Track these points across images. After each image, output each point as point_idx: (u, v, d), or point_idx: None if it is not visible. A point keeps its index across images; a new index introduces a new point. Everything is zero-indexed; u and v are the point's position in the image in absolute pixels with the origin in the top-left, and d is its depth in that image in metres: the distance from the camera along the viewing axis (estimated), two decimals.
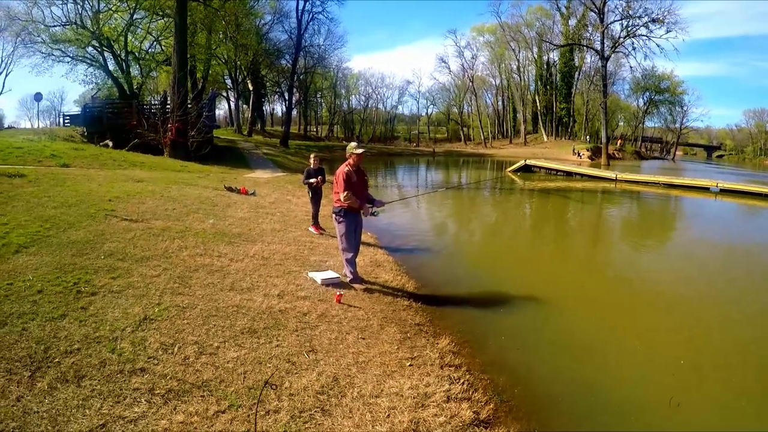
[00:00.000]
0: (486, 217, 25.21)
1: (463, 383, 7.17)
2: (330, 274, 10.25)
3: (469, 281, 12.77)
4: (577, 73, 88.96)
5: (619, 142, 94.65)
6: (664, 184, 44.01)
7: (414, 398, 6.35)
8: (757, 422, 7.43)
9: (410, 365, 7.34)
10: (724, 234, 25.18)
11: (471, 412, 6.41)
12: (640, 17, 68.72)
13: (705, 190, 42.95)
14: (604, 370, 8.95)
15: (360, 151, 10.12)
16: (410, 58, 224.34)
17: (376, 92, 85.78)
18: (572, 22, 78.37)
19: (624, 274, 15.69)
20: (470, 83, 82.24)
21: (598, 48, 70.35)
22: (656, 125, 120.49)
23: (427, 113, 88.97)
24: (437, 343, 8.40)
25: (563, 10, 79.75)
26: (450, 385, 7.00)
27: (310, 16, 65.05)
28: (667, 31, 66.84)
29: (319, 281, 9.87)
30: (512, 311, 10.90)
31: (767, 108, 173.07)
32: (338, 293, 9.11)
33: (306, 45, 63.71)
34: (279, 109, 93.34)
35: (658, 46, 68.00)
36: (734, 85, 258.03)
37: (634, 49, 70.32)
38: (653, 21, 67.54)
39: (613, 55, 74.72)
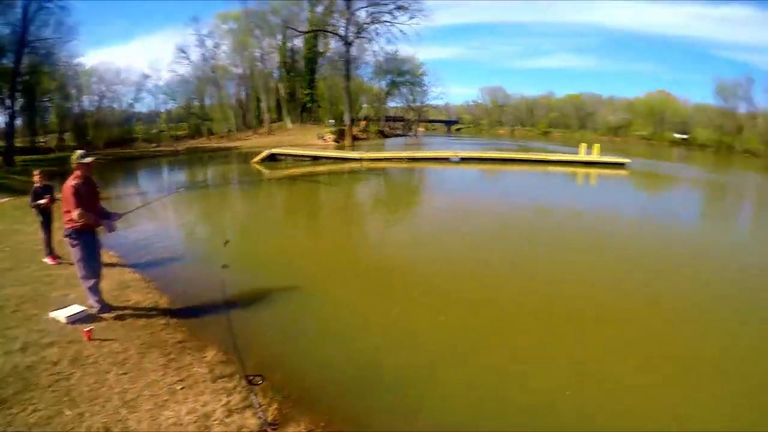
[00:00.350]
0: (236, 213, 24.98)
1: (240, 392, 7.28)
2: (75, 309, 9.41)
3: (227, 284, 12.17)
4: (321, 58, 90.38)
5: (363, 123, 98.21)
6: (407, 158, 47.48)
7: (195, 423, 6.31)
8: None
9: (182, 388, 7.18)
10: (465, 197, 28.51)
11: (256, 418, 6.59)
12: (386, 4, 72.35)
13: (446, 160, 46.96)
14: (374, 345, 9.68)
15: (88, 160, 9.24)
16: (150, 50, 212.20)
17: (111, 90, 76.09)
18: (320, 8, 79.69)
19: (381, 252, 16.94)
20: (212, 73, 79.70)
21: (343, 34, 72.54)
22: (398, 105, 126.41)
23: (167, 109, 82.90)
24: (204, 357, 8.34)
25: None
26: (228, 397, 7.07)
27: (39, 5, 57.84)
28: (411, 18, 71.47)
29: (64, 320, 9.05)
30: (275, 305, 11.24)
31: (501, 85, 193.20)
32: (87, 329, 8.46)
33: (32, 40, 56.23)
34: None
35: (401, 31, 72.02)
36: (472, 66, 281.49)
37: (377, 34, 74.68)
38: (398, 8, 71.60)
39: (357, 41, 77.38)
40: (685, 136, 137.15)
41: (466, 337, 10.28)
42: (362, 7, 72.56)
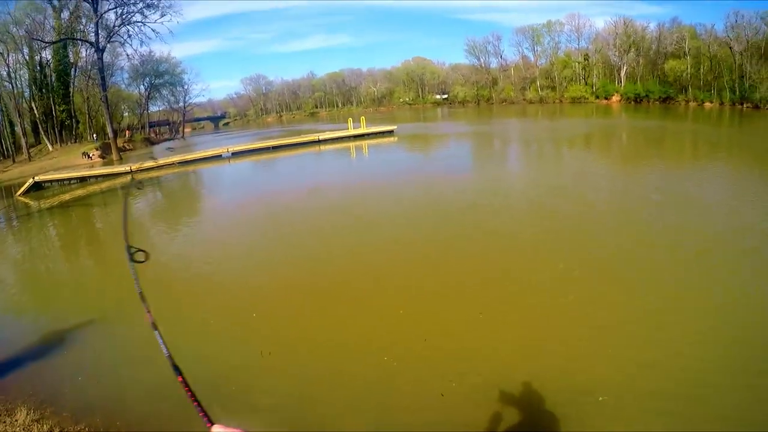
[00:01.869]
0: (11, 256, 22.74)
1: None
2: None
3: (22, 335, 12.00)
4: (73, 69, 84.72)
5: (127, 133, 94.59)
6: (179, 162, 47.00)
7: None
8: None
9: None
10: (242, 193, 29.80)
11: None
12: (134, 4, 69.44)
13: (218, 157, 47.22)
14: (189, 357, 9.70)
15: None
16: None
17: None
18: (65, 14, 73.92)
19: (170, 266, 16.66)
20: None
21: (93, 40, 68.72)
22: (161, 108, 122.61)
23: None
24: (16, 421, 7.99)
25: (55, 2, 73.76)
26: None
27: None
28: (162, 15, 69.44)
29: None
30: (79, 347, 10.94)
31: (262, 73, 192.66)
32: None
33: None
34: None
35: (154, 30, 69.90)
36: (231, 58, 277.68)
37: (129, 36, 71.37)
38: (148, 6, 69.11)
39: (109, 45, 73.86)
40: (445, 96, 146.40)
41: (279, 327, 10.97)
42: (110, 9, 68.17)
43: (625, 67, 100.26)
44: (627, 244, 14.63)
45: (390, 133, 55.15)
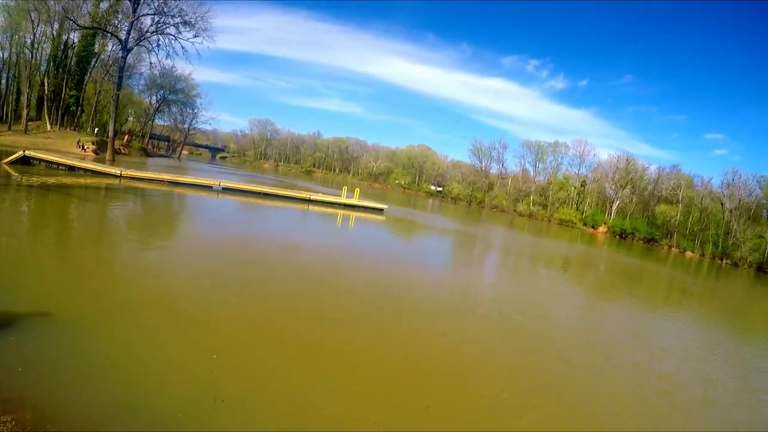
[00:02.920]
0: None
1: None
2: None
3: None
4: (94, 59, 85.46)
5: (126, 137, 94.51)
6: (168, 181, 46.76)
7: None
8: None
9: None
10: (228, 228, 30.00)
11: None
12: (173, 16, 70.10)
13: (209, 188, 47.27)
14: (137, 381, 9.58)
15: None
16: None
17: None
18: (104, 5, 74.34)
19: (136, 277, 16.69)
20: None
21: (123, 38, 69.47)
22: (166, 123, 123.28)
23: None
24: None
25: None
26: None
27: None
28: (195, 36, 70.11)
29: None
30: (22, 334, 10.46)
31: (270, 119, 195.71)
32: None
33: None
34: None
35: (183, 47, 70.52)
36: (245, 96, 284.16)
37: (158, 46, 71.53)
38: (185, 23, 69.71)
39: (136, 48, 74.33)
40: (440, 188, 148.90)
41: (237, 371, 10.87)
42: (148, 14, 69.77)
43: (617, 202, 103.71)
44: (579, 374, 14.94)
45: (380, 211, 55.63)
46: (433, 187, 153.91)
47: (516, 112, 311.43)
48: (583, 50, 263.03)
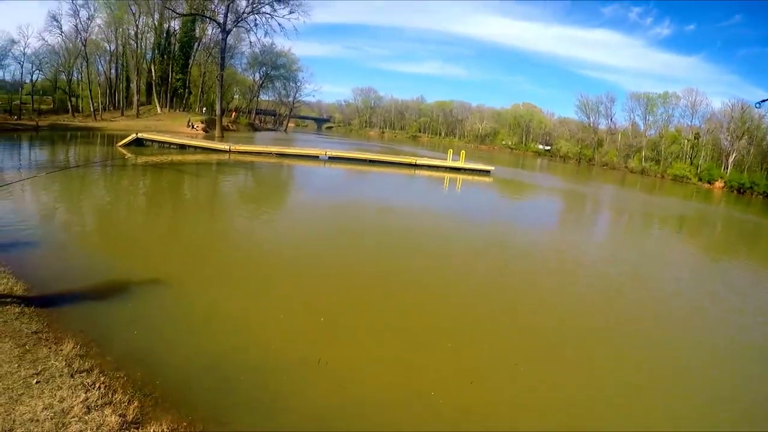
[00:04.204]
0: (99, 199, 23.61)
1: (99, 387, 7.03)
2: None
3: (88, 273, 12.15)
4: (196, 44, 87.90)
5: (233, 114, 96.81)
6: (276, 154, 47.49)
7: (52, 419, 5.96)
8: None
9: (37, 382, 6.79)
10: (331, 196, 29.52)
11: (117, 416, 6.38)
12: None
13: (315, 158, 47.40)
14: (247, 342, 9.71)
15: None
16: (21, 13, 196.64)
17: None
18: None
19: (244, 244, 17.06)
20: (83, 47, 73.78)
21: (221, 21, 70.59)
22: (270, 99, 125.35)
23: (32, 80, 74.75)
24: (61, 350, 7.93)
25: None
26: (86, 393, 6.76)
27: None
28: (290, 12, 70.25)
29: None
30: (139, 298, 10.88)
31: (373, 87, 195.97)
32: None
33: None
34: None
35: (280, 24, 71.11)
36: (346, 66, 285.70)
37: (256, 25, 72.54)
38: (279, 1, 70.07)
39: (234, 29, 75.32)
40: (548, 147, 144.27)
41: (335, 338, 10.56)
42: None
43: (734, 154, 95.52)
44: (680, 347, 13.10)
45: (487, 172, 54.22)
46: (540, 146, 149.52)
47: (621, 63, 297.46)
48: None
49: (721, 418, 9.42)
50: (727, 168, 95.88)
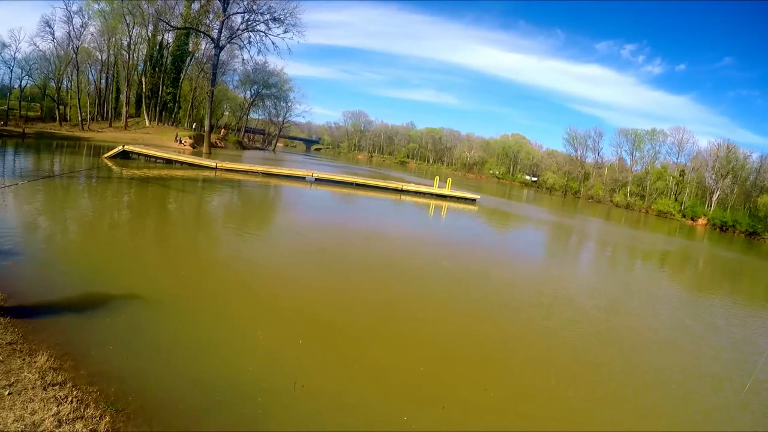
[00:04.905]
0: (82, 212, 23.18)
1: (71, 401, 6.97)
2: None
3: (66, 286, 12.08)
4: (189, 58, 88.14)
5: (222, 131, 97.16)
6: (263, 173, 47.63)
7: None
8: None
9: (9, 394, 6.76)
10: (315, 219, 29.67)
11: (88, 430, 6.39)
12: (263, 14, 72.08)
13: (302, 179, 47.49)
14: (223, 363, 9.61)
15: None
16: (12, 16, 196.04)
17: None
18: (196, 5, 77.02)
19: (226, 264, 16.95)
20: (74, 55, 73.42)
21: (215, 36, 71.19)
22: (261, 117, 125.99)
23: (20, 86, 74.21)
24: (35, 362, 7.88)
25: None
26: (58, 406, 6.72)
27: None
28: (285, 32, 71.70)
29: None
30: (117, 313, 10.77)
31: (363, 110, 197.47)
32: None
33: None
34: None
35: (274, 43, 71.96)
36: (338, 89, 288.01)
37: (250, 42, 73.80)
38: (274, 20, 71.46)
39: (228, 46, 76.54)
40: (535, 179, 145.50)
41: (321, 358, 10.65)
42: (238, 12, 72.23)
43: (718, 192, 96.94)
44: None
45: (472, 201, 54.54)
46: (527, 177, 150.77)
47: (611, 99, 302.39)
48: (680, 32, 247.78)
49: None
50: (711, 205, 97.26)
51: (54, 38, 72.24)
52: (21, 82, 73.13)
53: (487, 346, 13.33)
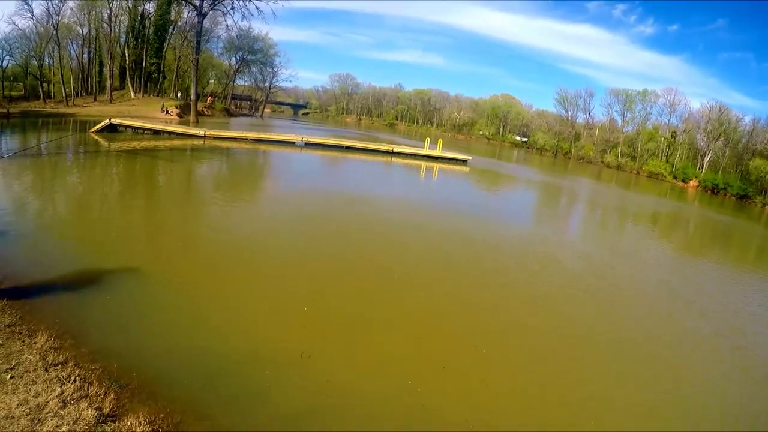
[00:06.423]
0: (71, 187, 22.88)
1: (75, 380, 6.93)
2: None
3: (62, 264, 11.99)
4: (171, 27, 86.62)
5: (209, 99, 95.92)
6: (251, 139, 47.15)
7: (27, 416, 5.86)
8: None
9: (11, 377, 6.69)
10: (308, 184, 29.71)
11: (93, 409, 6.30)
12: None
13: (291, 144, 47.39)
14: (225, 331, 9.68)
15: None
16: None
17: None
18: None
19: (222, 234, 16.77)
20: (55, 31, 71.85)
21: (197, 4, 69.72)
22: (247, 83, 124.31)
23: (1, 66, 72.79)
24: (35, 343, 7.85)
25: None
26: (62, 387, 6.67)
27: None
28: None
29: None
30: (114, 289, 10.75)
31: (351, 73, 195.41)
32: None
33: None
34: None
35: (257, 8, 71.31)
36: (324, 52, 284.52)
37: (233, 8, 72.04)
38: None
39: (211, 12, 74.74)
40: (525, 139, 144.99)
41: (312, 330, 10.54)
42: None
43: (709, 154, 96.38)
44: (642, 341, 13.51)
45: (464, 162, 54.55)
46: (518, 138, 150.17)
47: (603, 59, 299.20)
48: None
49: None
50: (702, 168, 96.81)
51: (33, 16, 69.90)
52: (2, 62, 71.72)
53: (475, 307, 13.52)
